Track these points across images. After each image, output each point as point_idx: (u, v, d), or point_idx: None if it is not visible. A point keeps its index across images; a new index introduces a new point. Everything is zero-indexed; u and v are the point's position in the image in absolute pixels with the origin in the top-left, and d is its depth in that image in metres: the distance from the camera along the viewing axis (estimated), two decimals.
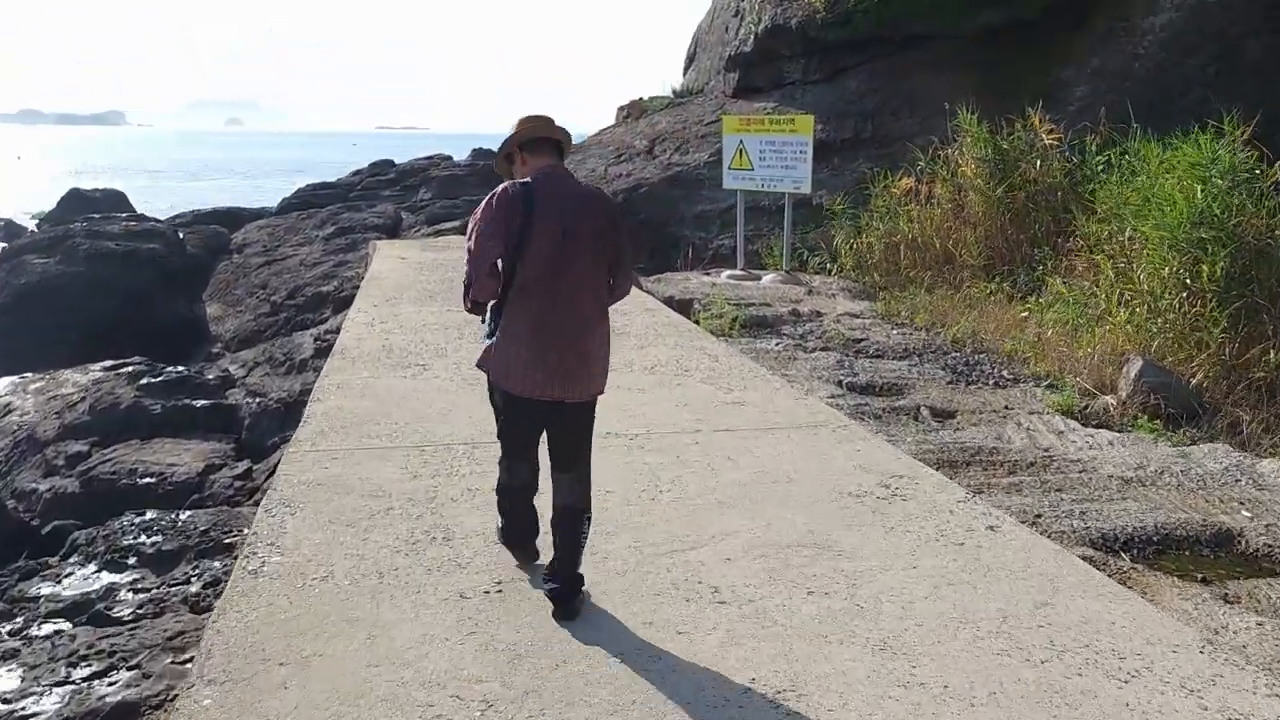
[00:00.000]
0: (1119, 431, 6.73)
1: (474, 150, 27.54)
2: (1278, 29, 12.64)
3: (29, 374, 16.64)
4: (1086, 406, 7.29)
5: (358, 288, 12.79)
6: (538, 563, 4.20)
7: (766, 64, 17.72)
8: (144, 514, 7.14)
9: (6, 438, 11.56)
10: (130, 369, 15.29)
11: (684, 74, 23.31)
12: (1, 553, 8.36)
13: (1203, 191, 7.70)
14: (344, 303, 13.44)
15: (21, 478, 10.18)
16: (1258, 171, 8.16)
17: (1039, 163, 11.08)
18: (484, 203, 3.86)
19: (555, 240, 3.75)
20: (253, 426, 10.12)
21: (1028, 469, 5.95)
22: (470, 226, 3.87)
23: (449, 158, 26.42)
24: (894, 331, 10.20)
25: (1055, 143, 11.12)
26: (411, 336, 8.67)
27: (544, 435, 4.04)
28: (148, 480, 9.09)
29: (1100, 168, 10.85)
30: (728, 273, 14.01)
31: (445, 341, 8.63)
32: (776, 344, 9.64)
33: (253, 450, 9.73)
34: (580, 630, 3.73)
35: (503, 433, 4.11)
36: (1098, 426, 6.94)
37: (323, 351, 10.57)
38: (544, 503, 4.17)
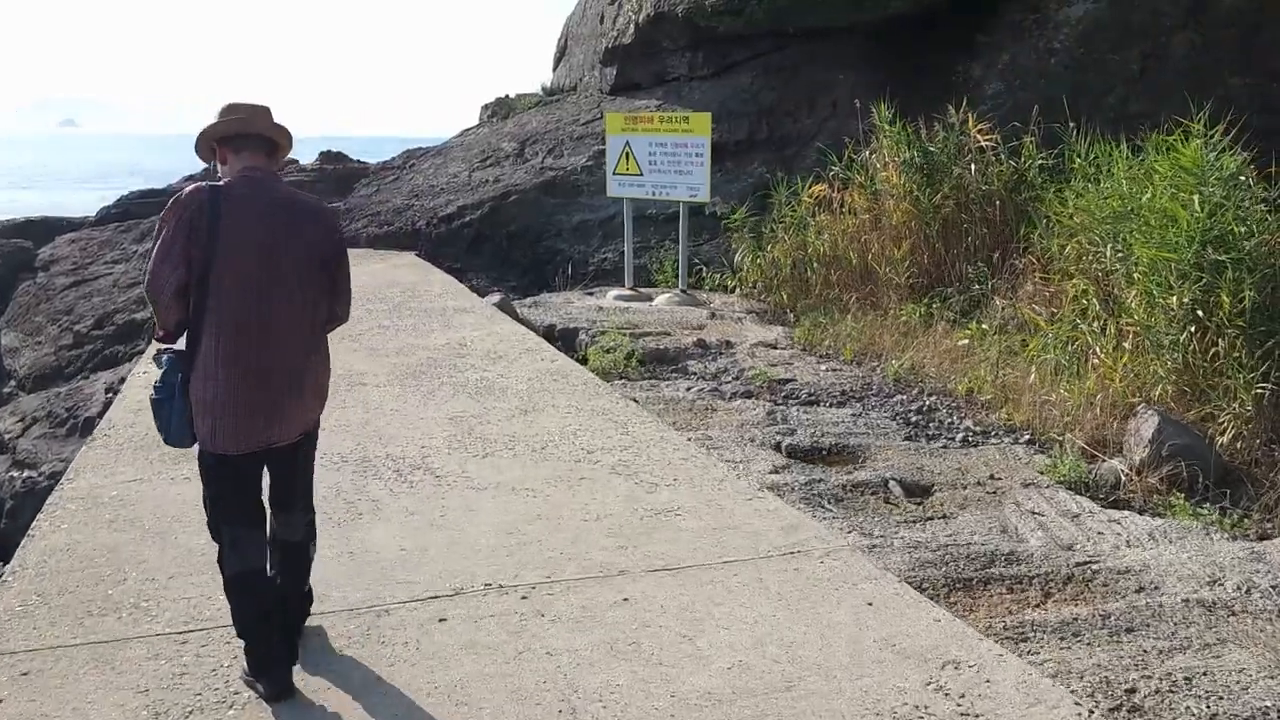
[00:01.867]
0: (1149, 515, 5.21)
1: (322, 153, 24.96)
2: (1207, 23, 11.64)
3: None
4: (1091, 474, 5.77)
5: None
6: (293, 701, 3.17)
7: (648, 57, 16.02)
8: None
9: None
10: None
11: (554, 69, 21.44)
12: None
13: (1201, 204, 6.31)
14: None
15: None
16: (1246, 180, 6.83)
17: (972, 167, 9.66)
18: (166, 207, 3.15)
19: (252, 259, 3.16)
20: (14, 513, 7.76)
21: (1067, 589, 4.33)
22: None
23: (294, 161, 23.79)
24: (822, 367, 8.59)
25: (990, 145, 9.72)
26: None
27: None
28: None
29: (1039, 174, 9.52)
30: (614, 292, 12.23)
31: None
32: (687, 388, 7.88)
33: (10, 551, 7.38)
34: None
35: (214, 502, 3.33)
36: (1115, 504, 5.42)
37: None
38: None
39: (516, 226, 15.28)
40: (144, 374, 7.44)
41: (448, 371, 7.44)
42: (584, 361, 9.00)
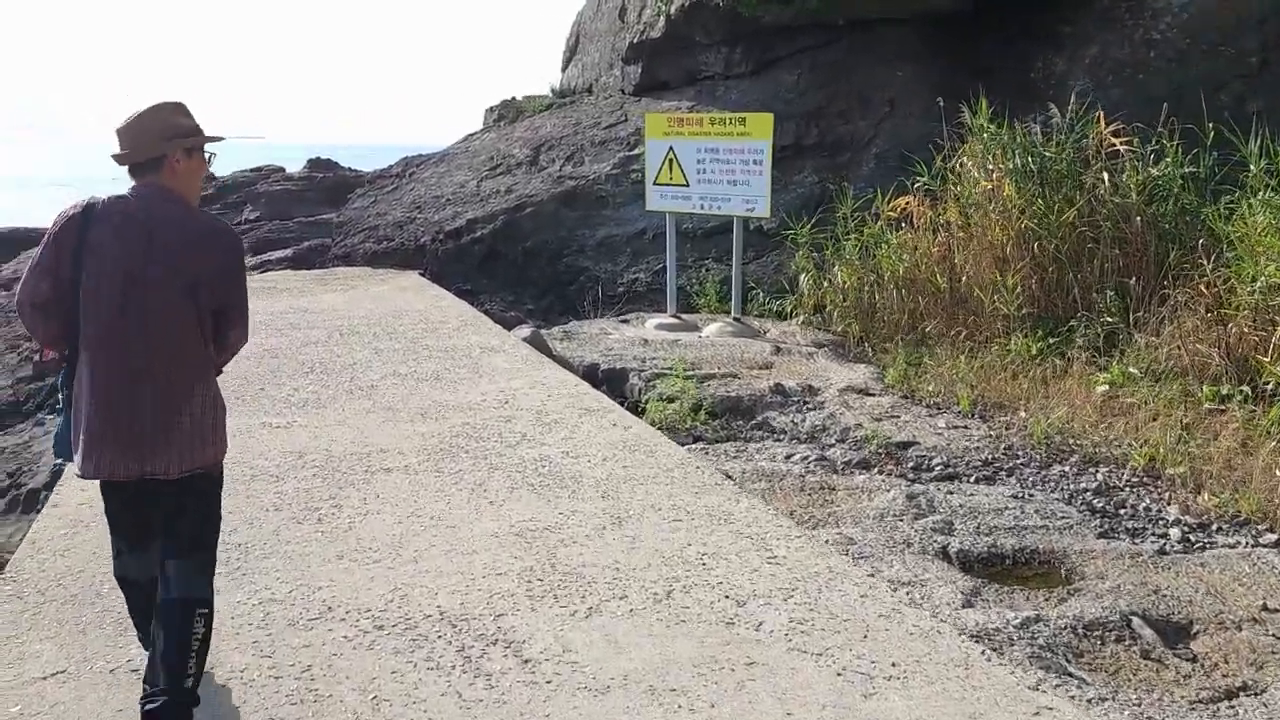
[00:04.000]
0: None
1: (310, 161, 23.23)
2: None
3: None
4: None
5: None
6: None
7: (678, 54, 14.43)
8: None
9: None
10: None
11: (563, 70, 19.82)
12: None
13: None
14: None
15: None
16: None
17: (1105, 176, 8.09)
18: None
19: (121, 280, 3.01)
20: None
21: None
22: None
23: (281, 169, 22.09)
24: (939, 423, 7.00)
25: (1128, 150, 8.15)
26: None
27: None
28: None
29: (1184, 184, 7.99)
30: (655, 321, 10.62)
31: (299, 506, 4.95)
32: (786, 456, 6.28)
33: None
34: None
35: (105, 512, 3.29)
36: None
37: (60, 478, 6.59)
38: None
39: (533, 242, 13.66)
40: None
41: (494, 445, 5.80)
42: (639, 411, 7.40)
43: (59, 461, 3.35)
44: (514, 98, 19.52)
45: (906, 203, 9.42)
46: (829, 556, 4.33)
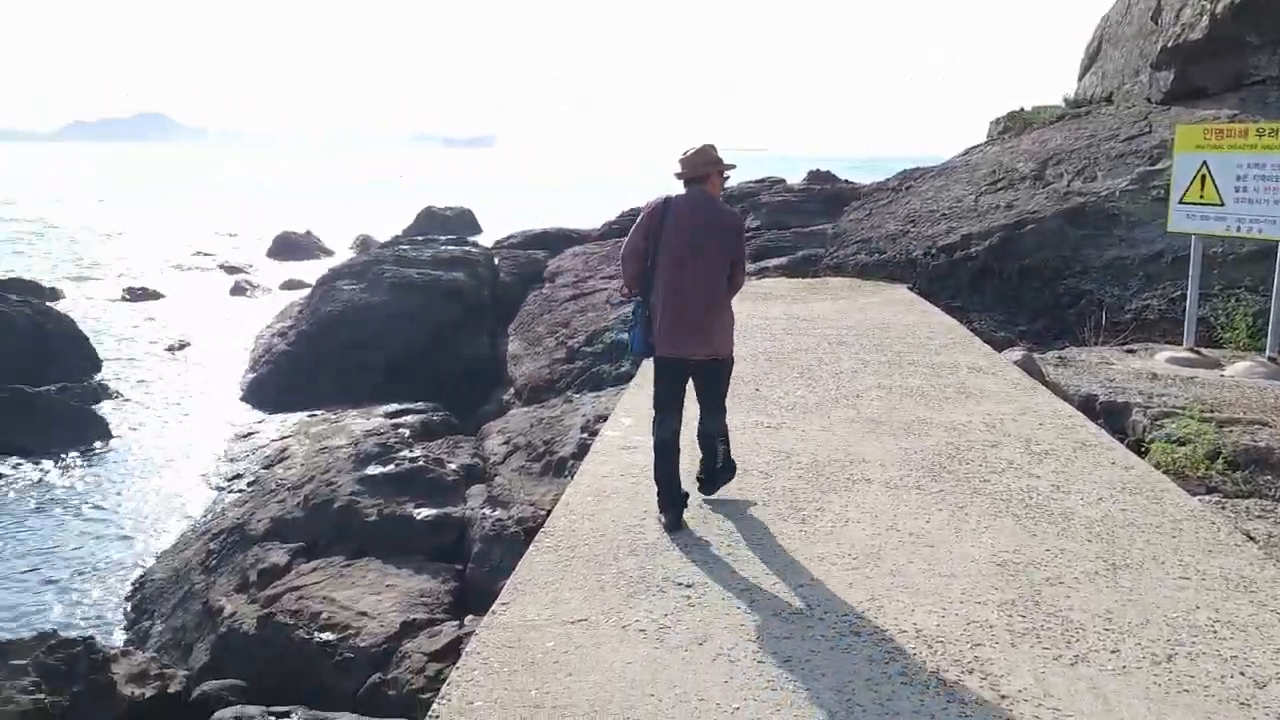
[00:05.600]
0: None
1: (810, 173, 24.14)
2: None
3: (319, 412, 15.49)
4: None
5: None
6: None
7: (1221, 56, 12.87)
8: None
9: (249, 504, 9.77)
10: (410, 419, 13.54)
11: (1080, 78, 18.56)
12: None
13: None
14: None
15: (217, 586, 8.11)
16: None
17: None
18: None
19: (682, 246, 5.00)
20: (480, 557, 7.35)
21: None
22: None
23: (781, 180, 23.23)
24: None
25: None
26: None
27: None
28: (326, 636, 6.53)
29: None
30: (1166, 354, 9.62)
31: (785, 504, 5.33)
32: None
33: (474, 595, 6.95)
34: None
35: (654, 394, 5.23)
36: None
37: (585, 450, 7.63)
38: None
39: (1031, 261, 13.01)
40: (611, 436, 6.57)
41: (978, 469, 5.69)
42: (1140, 452, 6.77)
43: (632, 354, 5.74)
44: (1021, 109, 18.71)
45: None
46: None
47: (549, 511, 7.13)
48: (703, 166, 5.15)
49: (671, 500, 5.02)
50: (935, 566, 4.36)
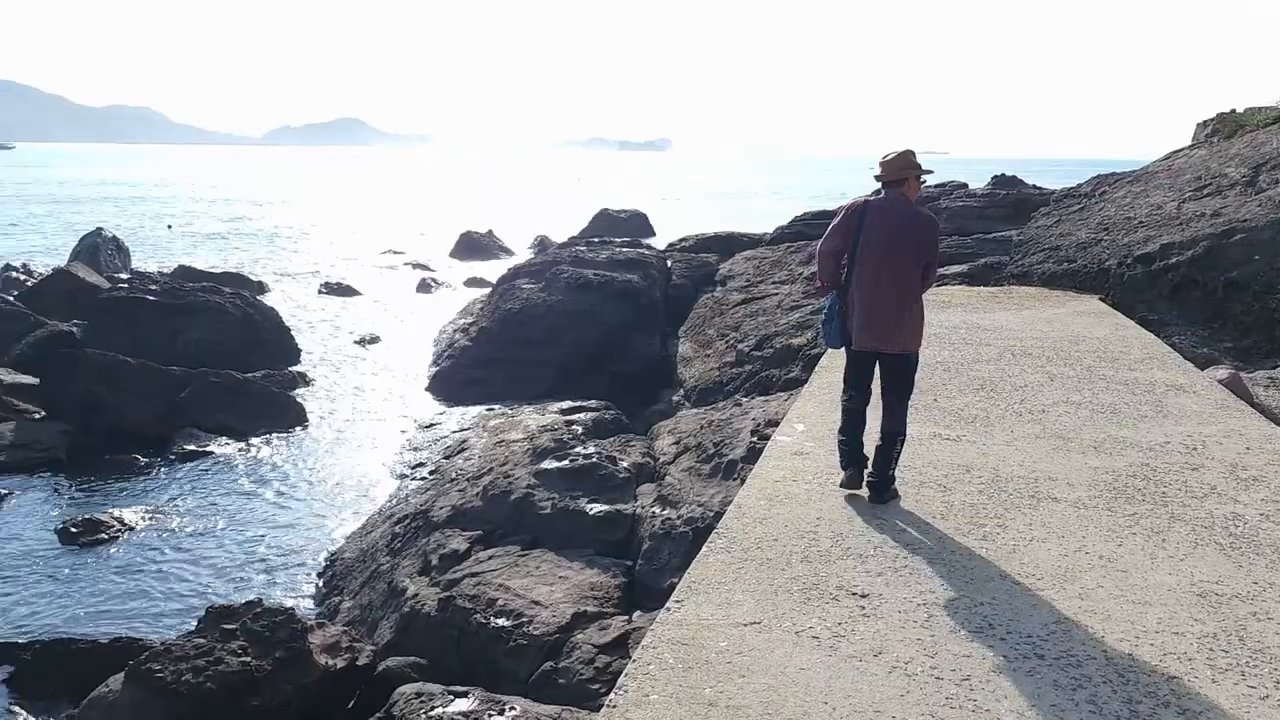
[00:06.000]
0: None
1: (994, 178, 23.29)
2: None
3: (496, 406, 16.10)
4: None
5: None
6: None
7: None
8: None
9: (430, 492, 10.28)
10: (583, 416, 13.88)
11: None
12: (330, 689, 6.54)
13: None
14: (814, 362, 10.45)
15: (401, 568, 8.55)
16: None
17: None
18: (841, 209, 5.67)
19: (880, 246, 5.31)
20: (649, 555, 7.48)
21: None
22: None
23: (963, 185, 22.49)
24: None
25: None
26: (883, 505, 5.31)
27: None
28: (502, 622, 6.79)
29: None
30: None
31: (964, 519, 5.22)
32: None
33: (642, 592, 7.09)
34: None
35: (846, 374, 5.63)
36: None
37: (755, 454, 7.64)
38: None
39: (1240, 274, 12.12)
40: (783, 441, 6.54)
41: (1177, 493, 5.38)
42: None
43: (827, 346, 5.81)
44: (1233, 110, 17.44)
45: None
46: None
47: (717, 513, 7.20)
48: (901, 170, 5.37)
49: (853, 459, 5.49)
50: (1128, 593, 4.15)
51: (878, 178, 5.45)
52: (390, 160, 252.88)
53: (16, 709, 7.43)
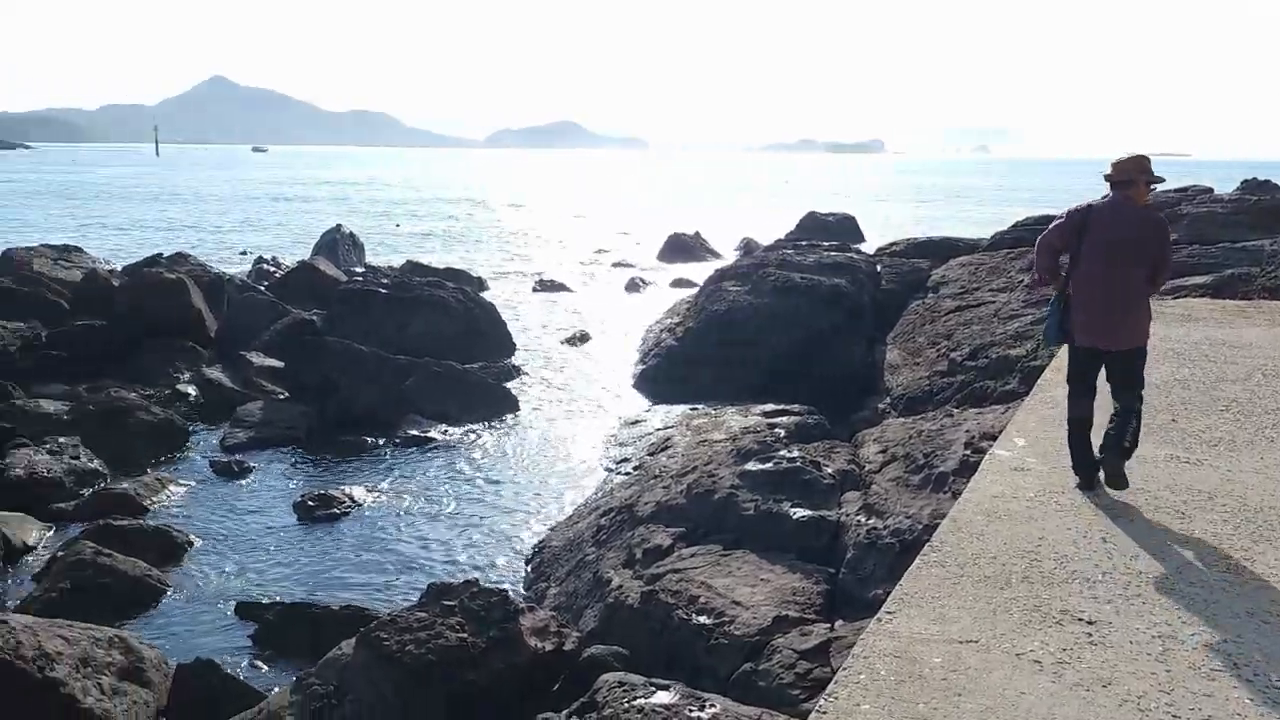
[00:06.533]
0: None
1: (1245, 182, 21.42)
2: None
3: (700, 405, 16.25)
4: None
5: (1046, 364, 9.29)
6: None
7: None
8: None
9: (635, 487, 10.53)
10: (786, 420, 13.81)
11: None
12: (538, 671, 6.83)
13: None
14: (1033, 375, 9.98)
15: (606, 559, 8.79)
16: None
17: None
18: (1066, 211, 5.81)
19: (1105, 246, 5.43)
20: (854, 564, 7.35)
21: None
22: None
23: (1208, 190, 20.78)
24: None
25: None
26: (1113, 533, 5.02)
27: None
28: (703, 620, 6.87)
29: None
30: None
31: (1205, 549, 4.90)
32: None
33: (844, 602, 6.98)
34: None
35: (1069, 375, 5.79)
36: None
37: (967, 467, 7.37)
38: None
39: None
40: (1002, 456, 6.27)
41: None
42: None
43: (1048, 342, 6.07)
44: None
45: None
46: None
47: (927, 526, 7.00)
48: (1130, 172, 5.47)
49: (1084, 463, 5.60)
50: None
51: (1107, 177, 5.59)
52: (605, 163, 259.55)
53: (260, 663, 8.16)
